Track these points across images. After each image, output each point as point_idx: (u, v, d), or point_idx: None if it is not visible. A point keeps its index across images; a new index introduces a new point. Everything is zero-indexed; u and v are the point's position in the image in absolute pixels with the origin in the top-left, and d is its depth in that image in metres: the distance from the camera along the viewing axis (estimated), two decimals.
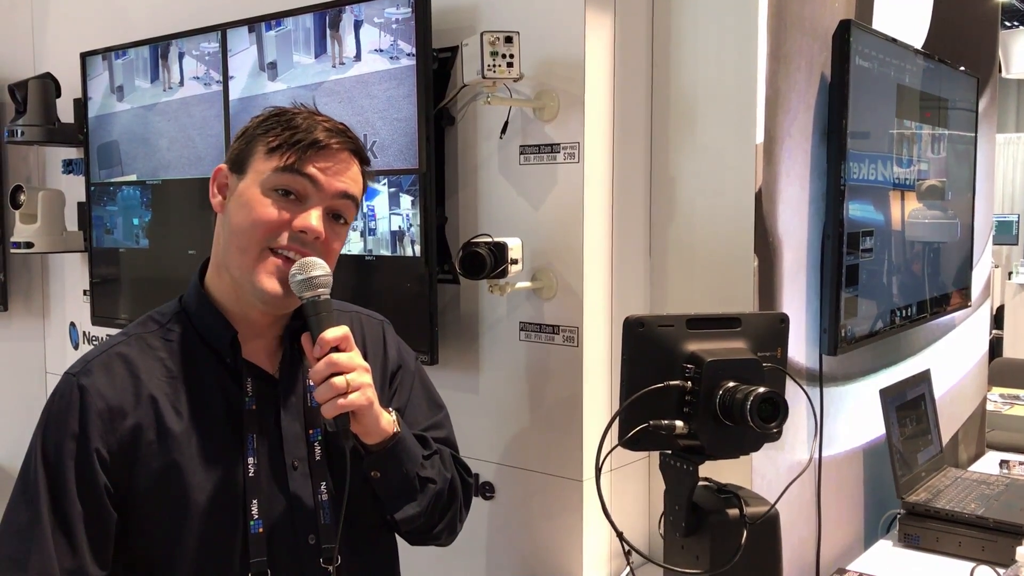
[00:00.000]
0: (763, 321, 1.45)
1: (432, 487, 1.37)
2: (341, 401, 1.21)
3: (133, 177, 2.56)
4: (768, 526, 1.40)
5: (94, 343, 2.89)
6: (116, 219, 2.64)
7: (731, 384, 1.34)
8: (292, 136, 1.26)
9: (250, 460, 1.28)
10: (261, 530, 1.28)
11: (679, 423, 1.38)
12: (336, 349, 1.23)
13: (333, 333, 1.23)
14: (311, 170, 1.25)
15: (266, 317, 1.33)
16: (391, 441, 1.31)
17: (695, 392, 1.37)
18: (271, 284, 1.25)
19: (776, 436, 1.37)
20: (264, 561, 1.27)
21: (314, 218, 1.25)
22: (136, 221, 2.59)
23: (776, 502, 1.42)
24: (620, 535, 1.44)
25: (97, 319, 2.75)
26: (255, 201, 1.26)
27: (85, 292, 2.85)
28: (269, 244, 1.25)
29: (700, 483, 1.44)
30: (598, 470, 1.40)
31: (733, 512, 1.40)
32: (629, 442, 1.42)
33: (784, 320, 1.46)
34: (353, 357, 1.24)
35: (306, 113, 1.30)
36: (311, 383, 1.31)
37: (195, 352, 1.31)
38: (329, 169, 1.27)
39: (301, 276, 1.24)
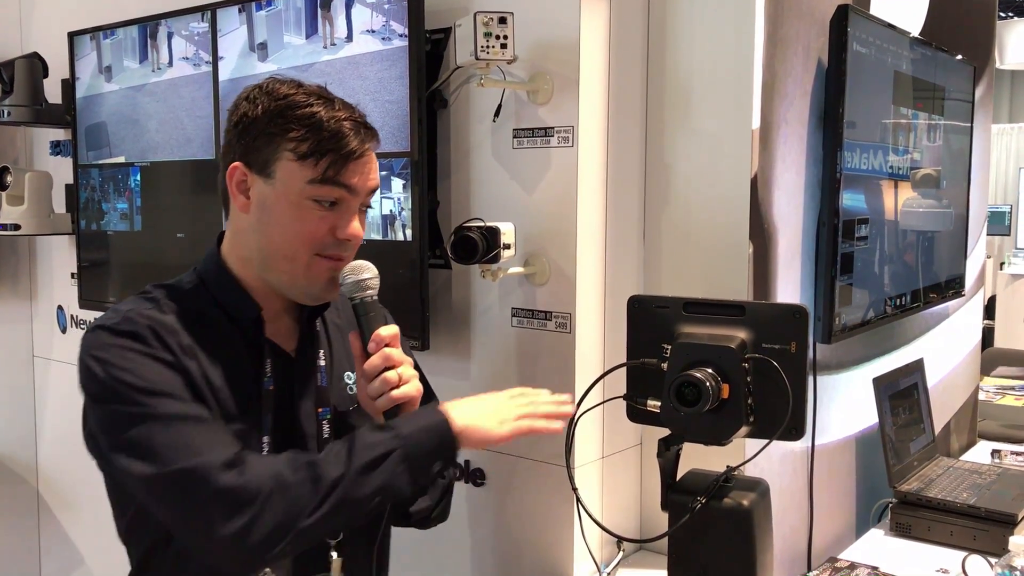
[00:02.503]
0: (773, 312, 1.40)
1: (441, 481, 1.44)
2: (394, 394, 1.28)
3: (122, 159, 2.53)
4: (740, 519, 1.38)
5: (82, 327, 2.87)
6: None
7: (693, 369, 1.33)
8: (322, 143, 1.25)
9: (265, 439, 1.30)
10: None
11: (651, 401, 1.40)
12: (387, 346, 1.29)
13: (388, 331, 1.30)
14: (350, 181, 1.27)
15: (284, 300, 1.35)
16: None
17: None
18: (325, 287, 1.31)
19: (721, 430, 1.35)
20: None
21: (356, 224, 1.30)
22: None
23: (727, 473, 1.41)
24: (583, 509, 1.42)
25: (85, 302, 2.72)
26: (293, 212, 1.26)
27: (73, 275, 2.83)
28: (316, 252, 1.29)
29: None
30: (568, 446, 1.47)
31: (682, 497, 1.40)
32: (631, 415, 1.47)
33: (800, 313, 1.37)
34: (402, 353, 1.31)
35: (318, 102, 1.27)
36: (322, 363, 1.38)
37: (217, 326, 1.32)
38: (363, 173, 1.29)
39: (353, 279, 1.31)
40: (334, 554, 1.34)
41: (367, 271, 1.31)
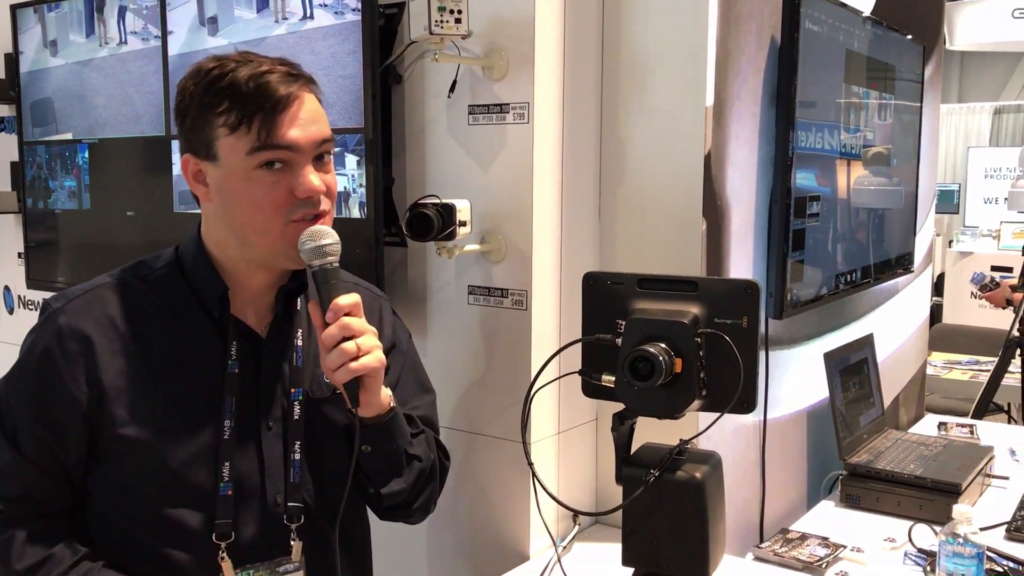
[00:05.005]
0: (725, 287, 1.40)
1: (418, 464, 1.40)
2: (353, 365, 1.23)
3: (69, 136, 2.48)
4: (692, 491, 1.39)
5: (30, 308, 2.81)
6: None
7: (647, 344, 1.34)
8: (247, 106, 1.20)
9: (226, 422, 1.28)
10: (230, 492, 1.28)
11: (605, 376, 1.40)
12: (347, 316, 1.24)
13: (346, 300, 1.24)
14: (288, 139, 1.22)
15: (265, 281, 1.32)
16: (387, 416, 1.33)
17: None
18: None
19: (675, 404, 1.36)
20: (229, 523, 1.28)
21: (312, 178, 1.24)
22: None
23: (680, 446, 1.42)
24: (539, 484, 1.43)
25: (32, 282, 2.67)
26: (247, 187, 1.23)
27: (20, 255, 2.77)
28: (287, 219, 1.24)
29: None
30: (524, 421, 1.44)
31: (635, 470, 1.40)
32: (586, 390, 1.46)
33: (751, 288, 1.37)
34: (364, 323, 1.26)
35: (238, 67, 1.22)
36: (299, 343, 1.35)
37: (183, 304, 1.30)
38: (300, 125, 1.23)
39: (312, 244, 1.24)
40: (294, 540, 1.32)
41: (327, 236, 1.25)
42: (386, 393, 1.32)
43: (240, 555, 1.29)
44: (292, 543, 1.32)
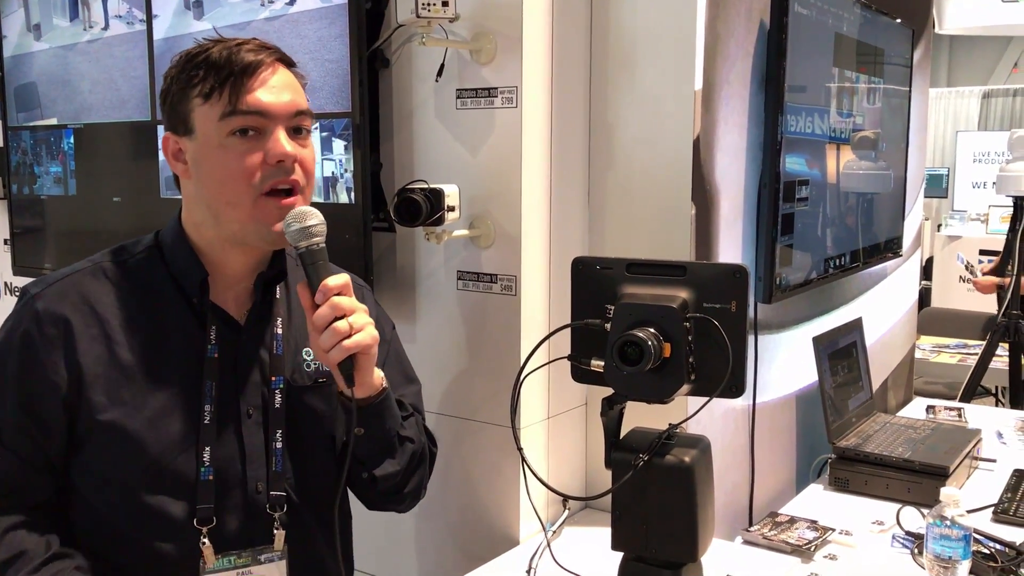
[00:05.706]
0: (714, 272, 1.40)
1: (410, 446, 1.40)
2: (346, 343, 1.22)
3: (54, 121, 2.46)
4: (681, 475, 1.39)
5: (16, 294, 2.80)
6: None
7: (636, 329, 1.34)
8: (219, 72, 1.22)
9: (206, 407, 1.27)
10: (211, 477, 1.27)
11: (595, 361, 1.41)
12: (336, 295, 1.23)
13: (336, 280, 1.23)
14: (257, 102, 1.22)
15: (244, 265, 1.32)
16: (379, 396, 1.32)
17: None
18: (276, 227, 1.24)
19: (664, 388, 1.36)
20: (211, 508, 1.27)
21: (284, 142, 1.23)
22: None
23: (669, 430, 1.43)
24: (529, 468, 1.43)
25: (19, 268, 2.65)
26: (219, 155, 1.23)
27: (6, 241, 2.75)
28: (258, 190, 1.23)
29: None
30: (513, 406, 1.45)
31: (624, 454, 1.41)
32: (575, 375, 1.46)
33: (740, 273, 1.37)
34: (354, 301, 1.25)
35: (214, 44, 1.25)
36: (279, 331, 1.34)
37: (162, 290, 1.30)
38: (271, 91, 1.24)
39: (297, 226, 1.23)
40: (277, 530, 1.31)
41: (312, 217, 1.23)
42: (378, 374, 1.32)
43: (222, 542, 1.28)
44: (275, 532, 1.31)
